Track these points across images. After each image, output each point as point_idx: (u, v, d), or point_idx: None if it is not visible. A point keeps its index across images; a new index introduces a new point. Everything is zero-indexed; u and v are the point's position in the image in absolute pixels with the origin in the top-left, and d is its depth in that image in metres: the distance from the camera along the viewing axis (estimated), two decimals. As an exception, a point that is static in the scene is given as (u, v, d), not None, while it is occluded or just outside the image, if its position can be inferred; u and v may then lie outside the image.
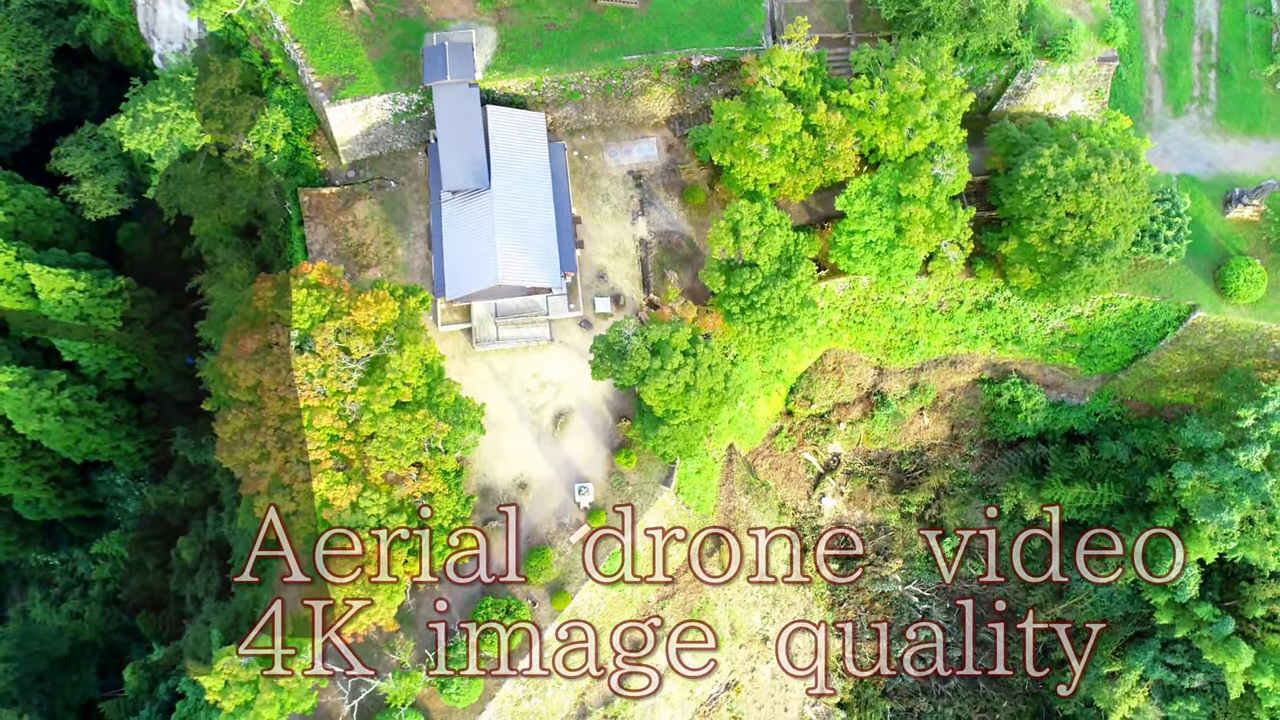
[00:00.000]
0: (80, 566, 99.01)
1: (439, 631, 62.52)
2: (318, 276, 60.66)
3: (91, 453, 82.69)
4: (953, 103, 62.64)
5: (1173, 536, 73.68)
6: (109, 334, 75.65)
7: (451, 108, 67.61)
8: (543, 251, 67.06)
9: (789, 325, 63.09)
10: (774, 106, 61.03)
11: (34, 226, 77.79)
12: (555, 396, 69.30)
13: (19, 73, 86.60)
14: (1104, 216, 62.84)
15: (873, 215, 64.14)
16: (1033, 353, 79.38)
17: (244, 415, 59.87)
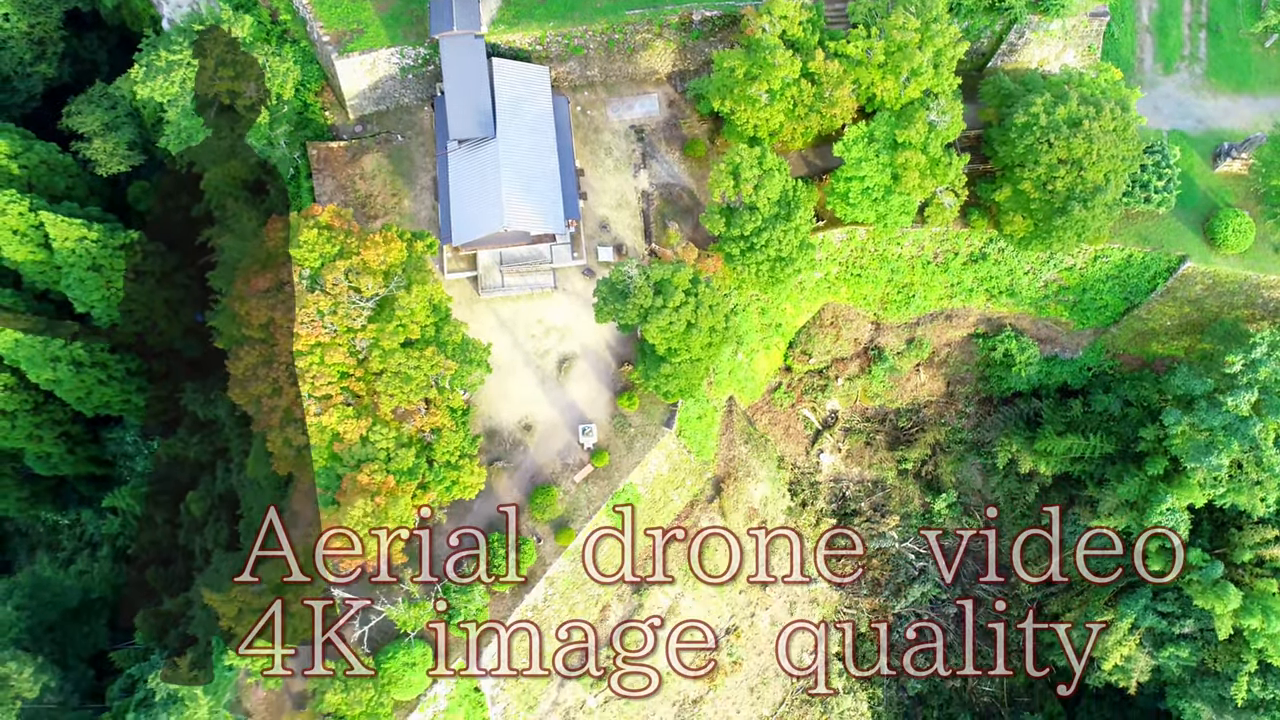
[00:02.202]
0: (90, 527, 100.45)
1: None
2: (328, 218, 62.22)
3: (103, 405, 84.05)
4: (948, 50, 64.21)
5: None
6: (121, 286, 77.03)
7: (458, 58, 69.09)
8: (547, 199, 68.57)
9: (788, 266, 64.66)
10: (773, 53, 62.57)
11: (46, 181, 79.14)
12: (559, 342, 70.84)
13: (30, 34, 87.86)
14: (1095, 163, 64.41)
15: (870, 161, 65.68)
16: (1026, 306, 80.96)
17: (257, 352, 61.46)
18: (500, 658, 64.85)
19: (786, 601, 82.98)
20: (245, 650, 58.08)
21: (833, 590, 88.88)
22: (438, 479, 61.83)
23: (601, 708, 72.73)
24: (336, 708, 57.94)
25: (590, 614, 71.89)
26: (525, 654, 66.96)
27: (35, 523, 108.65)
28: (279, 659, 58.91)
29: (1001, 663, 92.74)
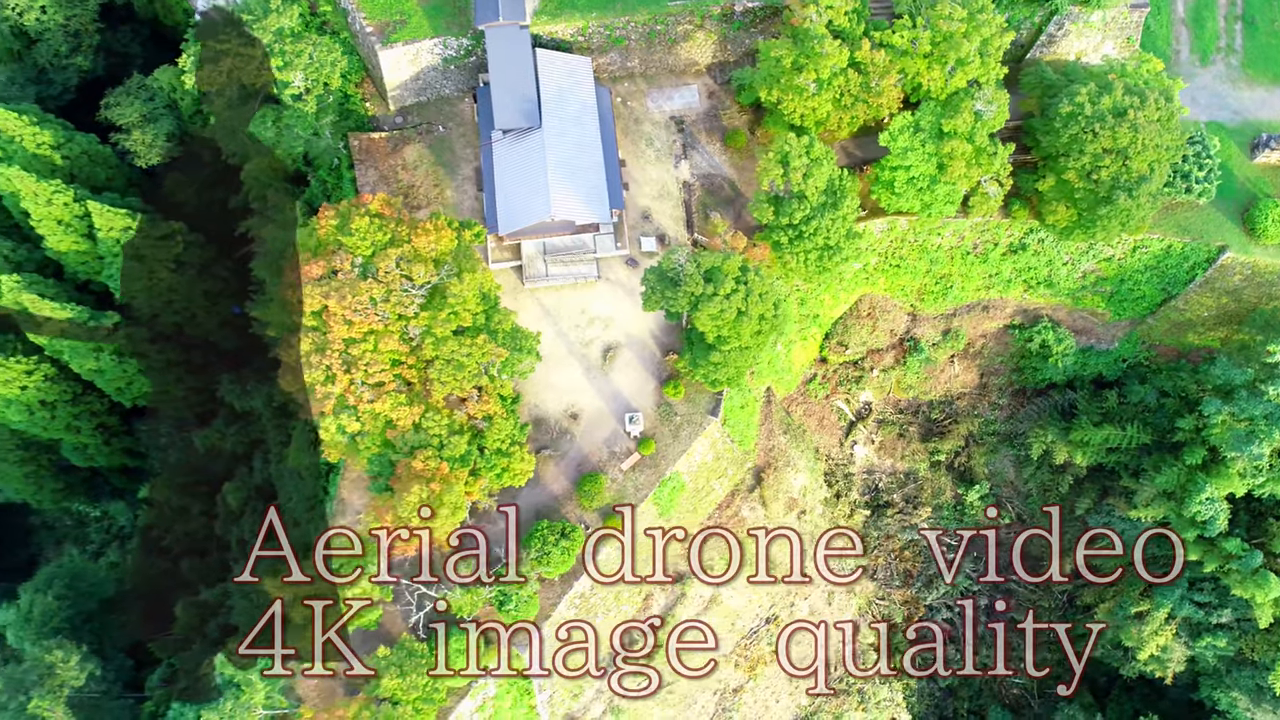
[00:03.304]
0: (122, 519, 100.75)
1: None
2: (378, 206, 62.53)
3: (141, 396, 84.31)
4: (994, 40, 64.55)
5: (1170, 535, 76.76)
6: (163, 276, 77.29)
7: (503, 48, 69.40)
8: (592, 188, 68.85)
9: (835, 255, 64.98)
10: (821, 42, 62.90)
11: (88, 172, 79.39)
12: (603, 331, 71.11)
13: (66, 27, 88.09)
14: (1140, 152, 64.75)
15: (915, 151, 65.99)
16: (1063, 297, 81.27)
17: (309, 339, 61.60)
18: (550, 655, 65.18)
19: (825, 591, 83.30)
20: (245, 651, 58.88)
21: (868, 581, 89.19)
22: (489, 466, 62.13)
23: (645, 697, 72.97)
24: (392, 692, 58.14)
25: (634, 603, 72.16)
26: (578, 650, 67.20)
27: (63, 515, 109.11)
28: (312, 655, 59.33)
29: (1030, 657, 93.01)
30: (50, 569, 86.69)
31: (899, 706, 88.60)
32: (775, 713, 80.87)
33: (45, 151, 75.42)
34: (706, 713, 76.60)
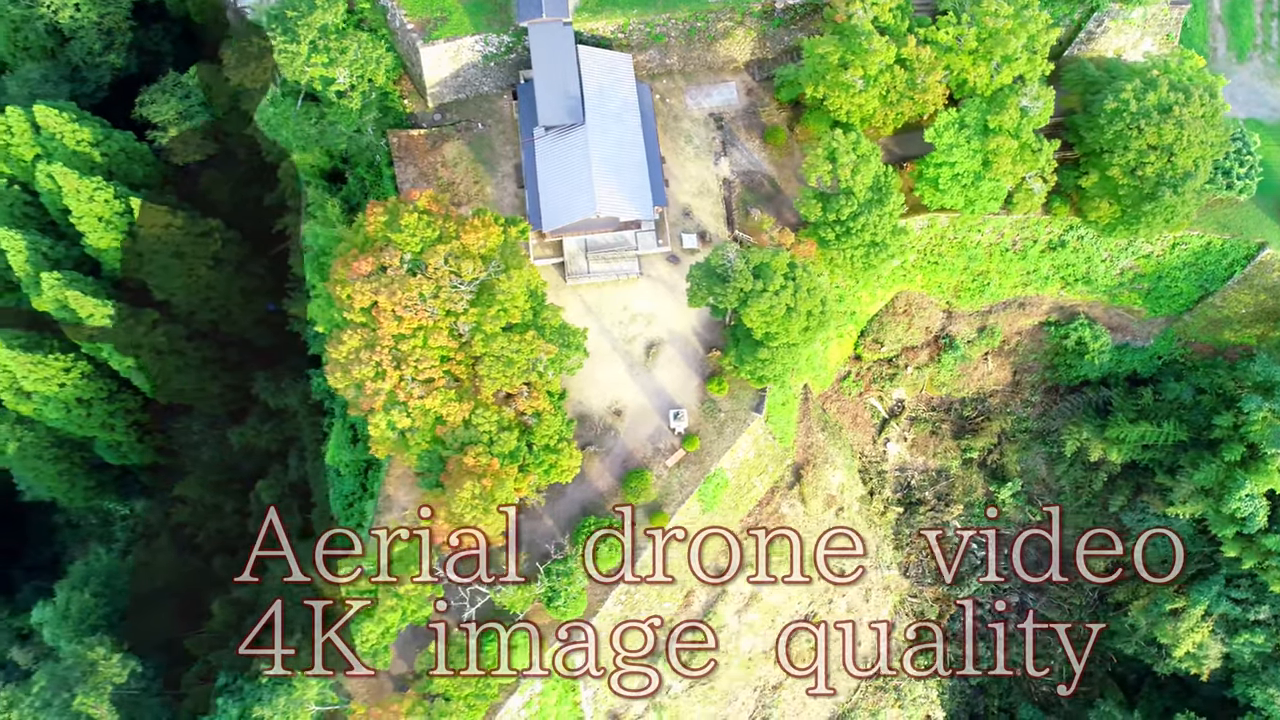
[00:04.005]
0: (151, 517, 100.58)
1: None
2: (426, 203, 62.56)
3: (178, 393, 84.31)
4: (1040, 35, 64.60)
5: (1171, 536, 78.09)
6: (202, 274, 77.31)
7: (547, 45, 69.42)
8: (636, 185, 68.90)
9: (882, 251, 65.04)
10: (869, 38, 62.94)
11: (125, 169, 79.38)
12: (646, 328, 71.14)
13: (100, 25, 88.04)
14: (1185, 148, 64.84)
15: (960, 147, 66.04)
16: (1100, 294, 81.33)
17: (358, 336, 61.61)
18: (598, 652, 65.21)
19: (862, 588, 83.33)
20: (245, 650, 58.98)
21: (902, 578, 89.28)
22: (537, 462, 62.10)
23: (686, 693, 73.02)
24: (445, 689, 58.19)
25: (675, 599, 72.18)
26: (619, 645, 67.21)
27: (89, 514, 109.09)
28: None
29: (1069, 651, 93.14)
30: (85, 567, 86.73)
31: (933, 704, 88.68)
32: (813, 709, 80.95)
33: (85, 149, 75.45)
34: (747, 709, 76.65)
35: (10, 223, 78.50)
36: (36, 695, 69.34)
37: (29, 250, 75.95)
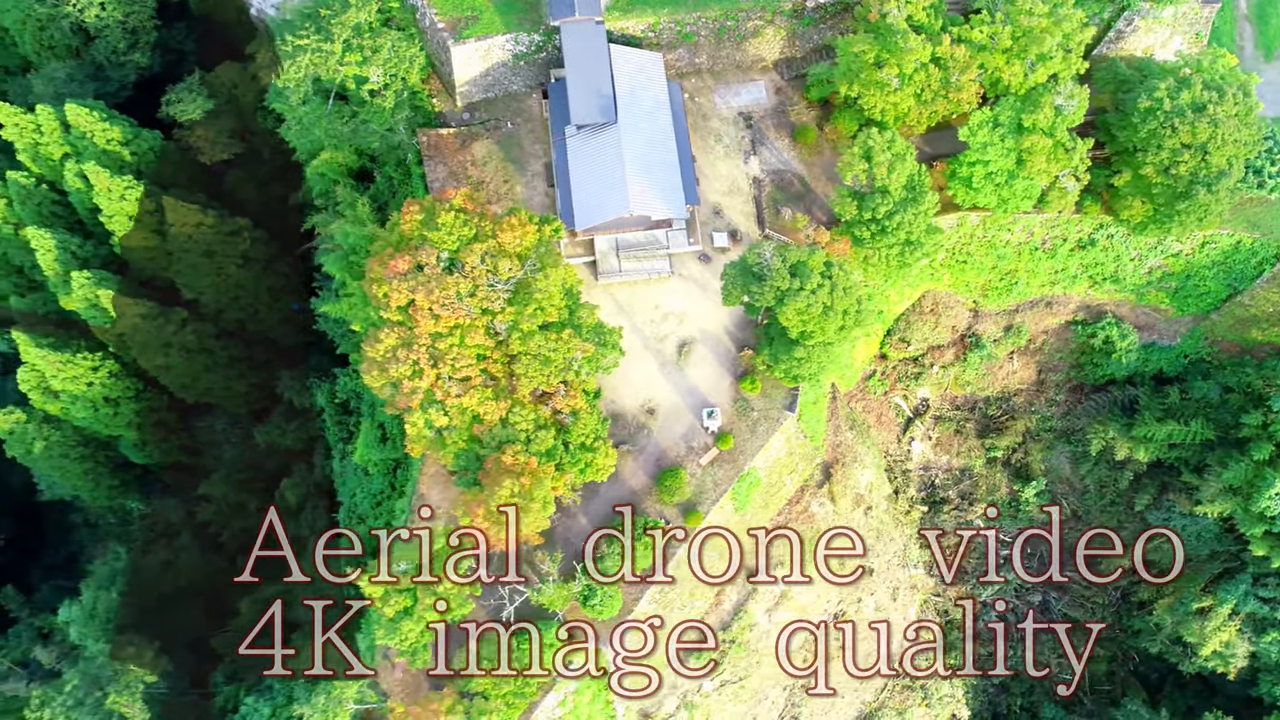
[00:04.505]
0: (173, 516, 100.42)
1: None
2: (461, 201, 62.58)
3: (205, 392, 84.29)
4: (1076, 34, 64.62)
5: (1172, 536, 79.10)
6: (231, 272, 77.29)
7: (579, 44, 69.41)
8: (668, 184, 68.89)
9: (916, 250, 65.05)
10: (905, 37, 62.95)
11: (154, 168, 79.38)
12: (677, 327, 71.15)
13: (125, 24, 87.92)
14: (1219, 147, 64.87)
15: (995, 146, 66.05)
16: (1128, 293, 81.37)
17: (396, 334, 61.60)
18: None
19: (889, 587, 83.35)
20: (246, 651, 59.14)
21: (928, 577, 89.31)
22: (573, 461, 62.10)
23: (717, 691, 73.03)
24: (484, 688, 58.20)
25: (707, 597, 72.19)
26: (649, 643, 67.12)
27: (107, 513, 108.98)
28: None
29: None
30: (109, 567, 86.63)
31: (959, 702, 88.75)
32: (841, 708, 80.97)
33: (115, 147, 75.44)
34: (776, 708, 76.68)
35: (39, 221, 78.51)
36: (69, 694, 69.40)
37: (58, 249, 75.97)
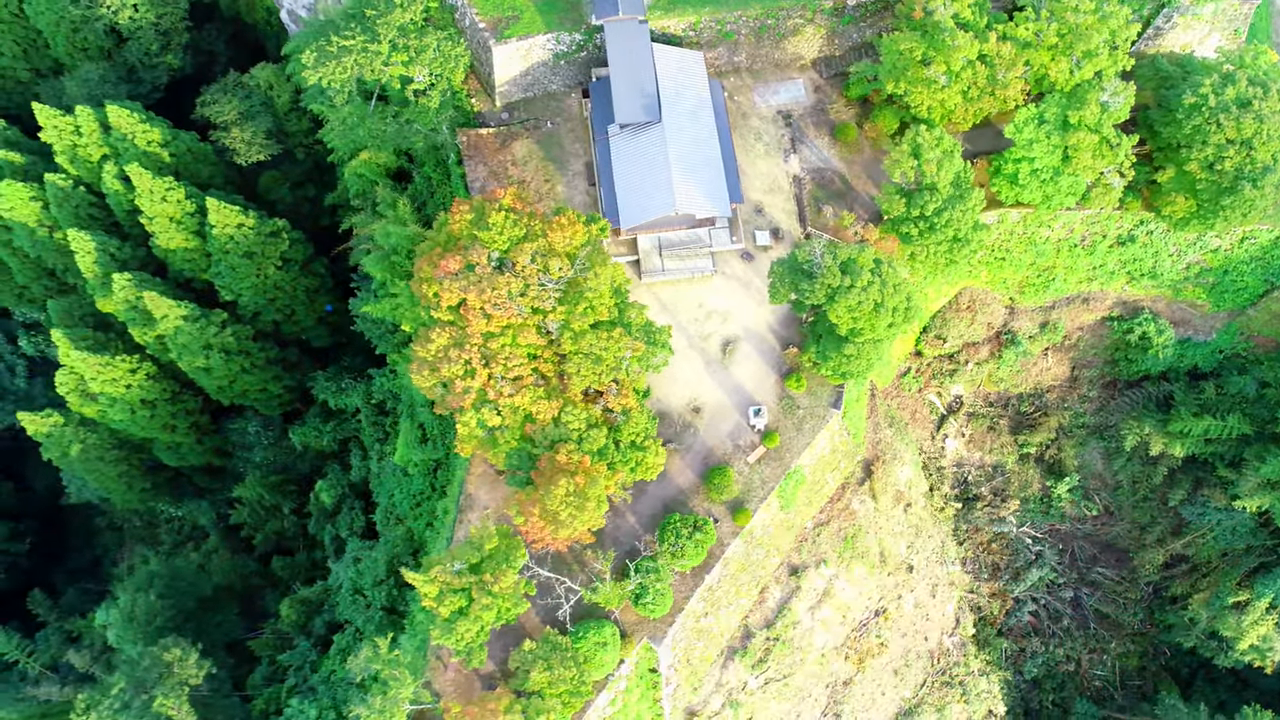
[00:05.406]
0: (202, 517, 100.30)
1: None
2: (510, 201, 62.63)
3: (241, 394, 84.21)
4: (1122, 31, 64.77)
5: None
6: (270, 274, 77.18)
7: (623, 43, 69.41)
8: (712, 183, 68.93)
9: (964, 247, 65.19)
10: (953, 34, 63.06)
11: (192, 169, 79.36)
12: (721, 325, 71.20)
13: (158, 25, 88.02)
14: (1265, 142, 65.05)
15: (1040, 143, 66.18)
16: (1165, 289, 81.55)
17: (447, 334, 61.58)
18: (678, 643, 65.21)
19: (929, 584, 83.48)
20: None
21: (964, 574, 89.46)
22: (624, 460, 62.09)
23: (761, 689, 73.08)
24: (541, 687, 58.16)
25: (751, 595, 72.24)
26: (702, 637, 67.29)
27: (133, 516, 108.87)
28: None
29: None
30: (147, 571, 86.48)
31: (995, 698, 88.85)
32: (881, 705, 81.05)
33: (154, 149, 75.39)
34: (819, 705, 76.74)
35: (77, 224, 78.42)
36: (115, 697, 69.28)
37: (98, 251, 75.84)
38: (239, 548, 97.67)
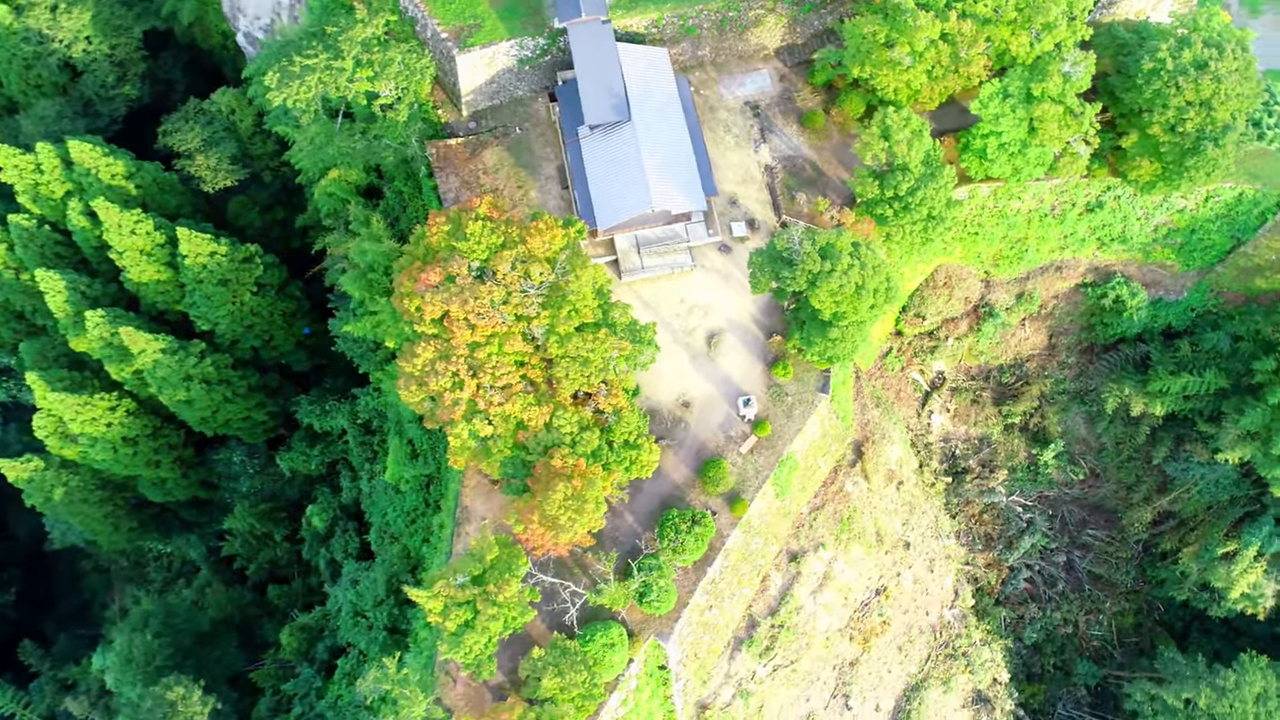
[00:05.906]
0: (194, 553, 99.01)
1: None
2: (486, 210, 62.45)
3: (224, 424, 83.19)
4: (1079, 2, 65.71)
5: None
6: (246, 300, 76.33)
7: (588, 44, 69.41)
8: (686, 177, 69.14)
9: (939, 225, 65.86)
10: (914, 15, 63.67)
11: (159, 200, 78.28)
12: (704, 319, 71.41)
13: (112, 56, 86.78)
14: (1223, 102, 66.34)
15: (1006, 117, 67.01)
16: (1135, 252, 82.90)
17: (432, 347, 61.25)
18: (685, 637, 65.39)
19: (926, 559, 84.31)
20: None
21: (959, 546, 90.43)
22: (618, 459, 62.15)
23: (770, 676, 73.48)
24: (552, 693, 58.06)
25: (753, 584, 72.59)
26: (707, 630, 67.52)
27: (119, 557, 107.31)
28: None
29: None
30: (142, 611, 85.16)
31: (999, 666, 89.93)
32: (888, 682, 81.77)
33: (119, 182, 74.31)
34: (828, 688, 77.30)
35: (43, 263, 77.11)
36: (120, 739, 68.23)
37: (68, 290, 74.63)
38: (232, 579, 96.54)
